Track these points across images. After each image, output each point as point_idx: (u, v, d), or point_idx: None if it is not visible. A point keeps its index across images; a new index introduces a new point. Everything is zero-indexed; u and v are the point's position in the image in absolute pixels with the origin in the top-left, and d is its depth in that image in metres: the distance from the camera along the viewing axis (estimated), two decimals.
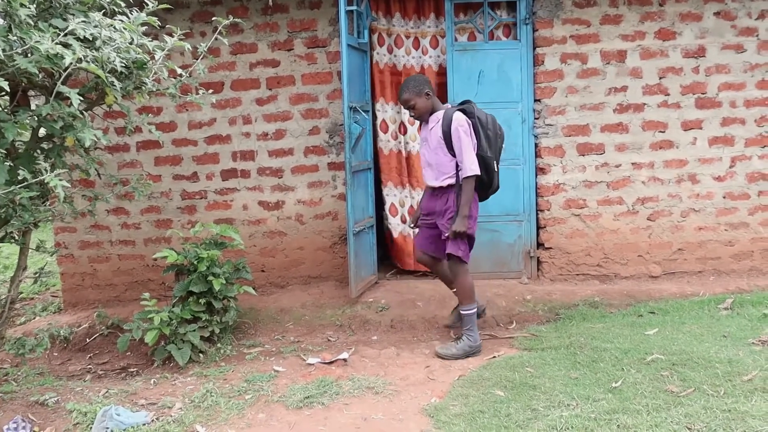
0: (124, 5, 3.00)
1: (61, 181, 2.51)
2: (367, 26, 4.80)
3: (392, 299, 4.65)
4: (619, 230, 4.90)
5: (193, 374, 3.68)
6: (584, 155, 4.86)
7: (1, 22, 2.55)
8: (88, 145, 2.73)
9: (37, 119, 2.72)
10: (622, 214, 4.89)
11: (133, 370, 4.07)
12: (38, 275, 4.10)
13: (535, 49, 4.81)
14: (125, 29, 2.77)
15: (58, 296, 5.47)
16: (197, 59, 3.38)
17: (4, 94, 3.08)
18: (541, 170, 4.90)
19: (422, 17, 5.07)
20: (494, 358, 3.64)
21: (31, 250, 3.41)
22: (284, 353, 3.94)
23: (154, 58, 3.07)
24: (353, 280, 4.55)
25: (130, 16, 2.94)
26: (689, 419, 2.61)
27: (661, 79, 4.78)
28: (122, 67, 2.76)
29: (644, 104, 4.80)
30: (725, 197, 4.86)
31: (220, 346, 4.04)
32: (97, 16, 2.69)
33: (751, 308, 4.09)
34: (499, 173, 3.78)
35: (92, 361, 4.35)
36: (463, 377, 3.38)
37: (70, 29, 2.51)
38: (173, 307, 3.98)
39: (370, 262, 4.95)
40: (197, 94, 3.42)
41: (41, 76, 2.90)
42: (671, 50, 4.75)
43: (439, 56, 5.10)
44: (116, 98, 2.92)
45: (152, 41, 3.01)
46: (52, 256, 4.86)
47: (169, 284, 4.71)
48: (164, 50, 3.08)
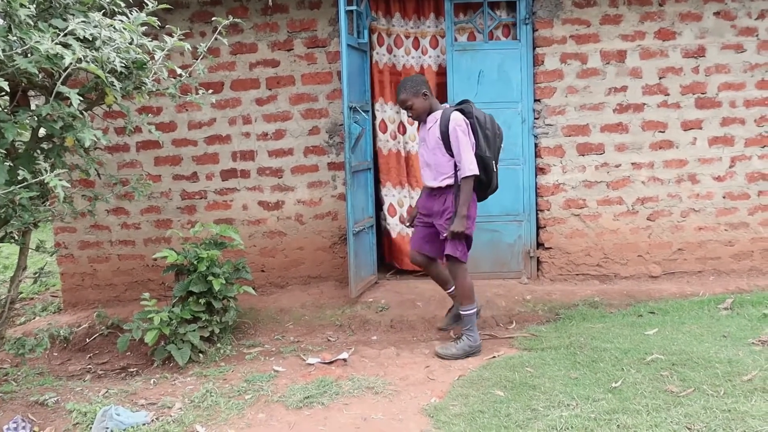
0: (123, 5, 3.00)
1: (60, 181, 2.51)
2: (366, 26, 4.80)
3: (392, 299, 4.65)
4: (618, 230, 4.90)
5: (192, 374, 3.68)
6: (584, 155, 4.86)
7: (1, 22, 2.54)
8: (87, 145, 2.74)
9: (36, 119, 2.72)
10: (621, 214, 4.89)
11: (132, 370, 4.07)
12: (38, 275, 4.10)
13: (534, 49, 4.81)
14: (125, 29, 2.77)
15: (57, 296, 5.48)
16: (197, 59, 3.38)
17: (4, 94, 3.08)
18: (540, 170, 4.90)
19: (422, 17, 5.07)
20: (494, 358, 3.65)
21: (30, 250, 3.41)
22: (284, 353, 3.94)
23: (153, 58, 3.07)
24: (353, 280, 4.55)
25: (129, 16, 2.95)
26: (689, 419, 2.61)
27: (660, 79, 4.78)
28: (122, 67, 2.77)
29: (644, 104, 4.81)
30: (725, 197, 4.86)
31: (219, 346, 4.04)
32: (96, 16, 2.69)
33: (751, 308, 4.09)
34: (498, 173, 3.75)
35: (92, 361, 4.35)
36: (462, 377, 3.38)
37: (69, 29, 2.51)
38: (173, 307, 3.98)
39: (369, 262, 4.95)
40: (197, 94, 3.42)
41: (41, 76, 2.90)
42: (671, 50, 4.75)
43: (438, 56, 5.10)
44: (116, 98, 2.92)
45: (152, 41, 3.01)
46: (51, 256, 4.86)
47: (169, 284, 4.71)
48: (164, 50, 3.08)
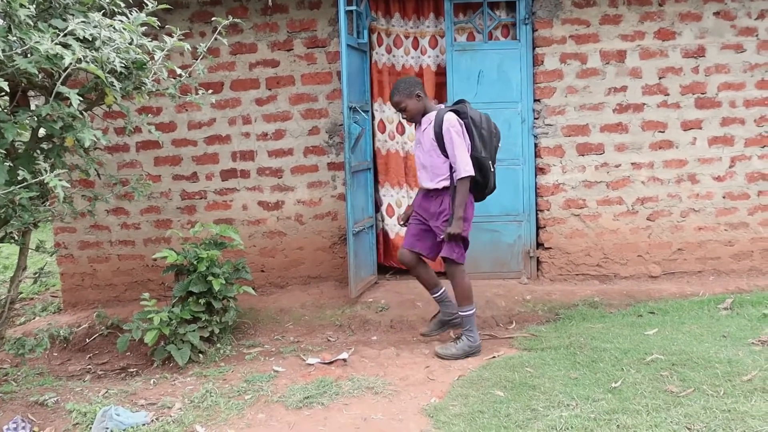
0: (123, 5, 3.00)
1: (60, 181, 2.51)
2: (366, 26, 4.80)
3: (392, 299, 4.65)
4: (618, 230, 4.90)
5: (192, 374, 3.68)
6: (584, 155, 4.86)
7: (0, 22, 2.54)
8: (87, 145, 2.73)
9: (36, 119, 2.72)
10: (621, 214, 4.89)
11: (132, 370, 4.07)
12: (38, 275, 4.10)
13: (534, 49, 4.81)
14: (125, 29, 2.77)
15: (57, 296, 5.48)
16: (197, 59, 3.38)
17: (3, 94, 3.08)
18: (540, 170, 4.90)
19: (421, 17, 5.06)
20: (494, 358, 3.65)
21: (30, 250, 3.41)
22: (284, 353, 3.94)
23: (153, 58, 3.07)
24: (353, 280, 4.55)
25: (129, 16, 2.95)
26: (689, 419, 2.61)
27: (660, 79, 4.78)
28: (122, 67, 2.77)
29: (644, 104, 4.81)
30: (725, 197, 4.86)
31: (219, 346, 4.04)
32: (96, 16, 2.69)
33: (750, 308, 4.09)
34: (495, 173, 3.72)
35: (92, 361, 4.35)
36: (462, 377, 3.38)
37: (69, 29, 2.51)
38: (173, 307, 3.98)
39: (369, 262, 4.95)
40: (197, 94, 3.42)
41: (41, 76, 2.90)
42: (671, 50, 4.75)
43: (438, 56, 5.10)
44: (116, 98, 2.92)
45: (152, 41, 3.01)
46: (51, 256, 4.86)
47: (168, 284, 4.71)
48: (164, 50, 3.08)
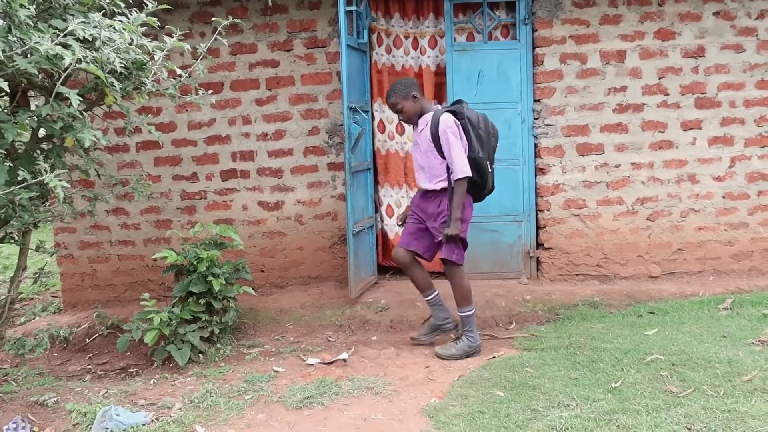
0: (123, 6, 3.00)
1: (60, 181, 2.51)
2: (366, 26, 4.80)
3: (392, 299, 4.65)
4: (618, 230, 4.90)
5: (192, 374, 3.68)
6: (584, 155, 4.86)
7: (0, 22, 2.55)
8: (87, 145, 2.73)
9: (36, 120, 2.72)
10: (621, 214, 4.89)
11: (132, 370, 4.07)
12: (38, 276, 4.11)
13: (534, 49, 4.82)
14: (125, 30, 2.77)
15: (57, 296, 5.48)
16: (197, 60, 3.38)
17: (3, 94, 3.08)
18: (540, 170, 4.90)
19: (421, 17, 5.06)
20: (494, 358, 3.65)
21: (30, 250, 3.41)
22: (284, 353, 3.94)
23: (153, 58, 3.07)
24: (353, 280, 4.55)
25: (129, 16, 2.95)
26: (689, 419, 2.61)
27: (660, 79, 4.78)
28: (122, 67, 2.77)
29: (644, 104, 4.81)
30: (725, 197, 4.86)
31: (219, 346, 4.04)
32: (96, 16, 2.69)
33: (750, 308, 4.09)
34: (494, 173, 3.71)
35: (92, 361, 4.35)
36: (462, 377, 3.38)
37: (69, 30, 2.51)
38: (173, 307, 3.98)
39: (369, 262, 4.95)
40: (197, 94, 3.42)
41: (41, 76, 2.90)
42: (671, 50, 4.75)
43: (437, 56, 5.10)
44: (116, 99, 2.92)
45: (152, 42, 3.01)
46: (51, 256, 4.87)
47: (168, 284, 4.71)
48: (164, 51, 3.08)
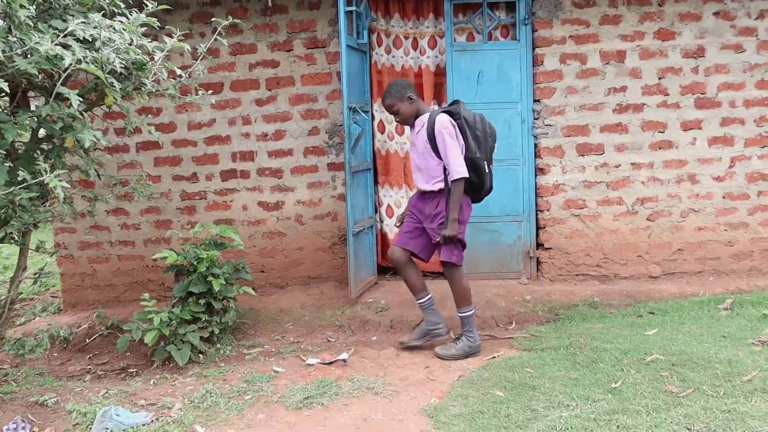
0: (123, 6, 3.00)
1: (60, 181, 2.51)
2: (366, 27, 4.80)
3: (392, 300, 4.65)
4: (618, 230, 4.90)
5: (192, 375, 3.68)
6: (584, 155, 4.86)
7: (0, 23, 2.55)
8: (87, 145, 2.74)
9: (36, 120, 2.72)
10: (621, 214, 4.89)
11: (132, 370, 4.07)
12: (38, 276, 4.11)
13: (534, 49, 4.82)
14: (125, 30, 2.77)
15: (57, 297, 5.48)
16: (197, 60, 3.38)
17: (3, 95, 3.08)
18: (540, 170, 4.90)
19: (421, 17, 5.06)
20: (494, 358, 3.65)
21: (30, 250, 3.41)
22: (284, 354, 3.94)
23: (153, 59, 3.07)
24: (353, 280, 4.55)
25: (129, 17, 2.95)
26: (689, 420, 2.61)
27: (660, 79, 4.78)
28: (122, 68, 2.77)
29: (644, 104, 4.81)
30: (725, 197, 4.86)
31: (219, 346, 4.04)
32: (96, 17, 2.69)
33: (750, 308, 4.09)
34: (492, 174, 3.69)
35: (92, 361, 4.35)
36: (462, 378, 3.38)
37: (69, 30, 2.51)
38: (173, 307, 3.98)
39: (369, 262, 4.95)
40: (197, 94, 3.42)
41: (41, 77, 2.90)
42: (670, 50, 4.75)
43: (437, 57, 5.09)
44: (116, 99, 2.92)
45: (152, 42, 3.01)
46: (51, 256, 4.87)
47: (168, 285, 4.72)
48: (164, 51, 3.08)
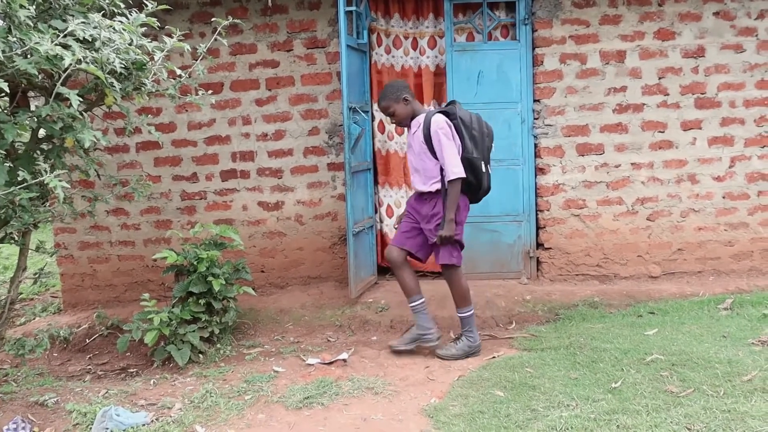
0: (123, 6, 3.00)
1: (60, 182, 2.51)
2: (366, 27, 4.80)
3: (392, 299, 4.65)
4: (618, 230, 4.90)
5: (192, 375, 3.68)
6: (584, 155, 4.86)
7: (0, 23, 2.55)
8: (87, 146, 2.74)
9: (36, 120, 2.73)
10: (621, 214, 4.89)
11: (132, 370, 4.07)
12: (38, 276, 4.11)
13: (534, 49, 4.81)
14: (124, 30, 2.77)
15: (57, 297, 5.48)
16: (197, 60, 3.38)
17: (3, 95, 3.08)
18: (540, 170, 4.90)
19: (421, 17, 5.06)
20: (494, 358, 3.65)
21: (30, 250, 3.41)
22: (284, 354, 3.94)
23: (153, 59, 3.07)
24: (353, 280, 4.55)
25: (129, 17, 2.95)
26: (689, 420, 2.61)
27: (660, 79, 4.78)
28: (122, 68, 2.77)
29: (643, 104, 4.80)
30: (725, 197, 4.86)
31: (219, 346, 4.04)
32: (96, 17, 2.69)
33: (750, 308, 4.09)
34: (490, 174, 3.68)
35: (92, 361, 4.35)
36: (462, 377, 3.38)
37: (69, 30, 2.51)
38: (173, 307, 3.98)
39: (369, 262, 4.95)
40: (197, 94, 3.42)
41: (41, 77, 2.90)
42: (670, 50, 4.75)
43: (437, 57, 5.09)
44: (116, 99, 2.92)
45: (151, 42, 3.01)
46: (51, 256, 4.87)
47: (168, 285, 4.72)
48: (163, 51, 3.08)
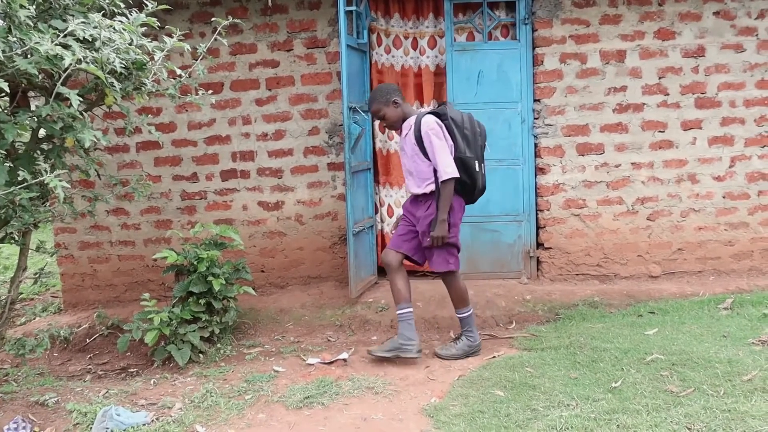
0: (123, 6, 3.00)
1: (60, 181, 2.51)
2: (366, 26, 4.80)
3: (392, 299, 4.62)
4: (618, 230, 4.90)
5: (193, 374, 3.68)
6: (584, 155, 4.86)
7: (0, 23, 2.55)
8: (87, 145, 2.74)
9: (36, 120, 2.73)
10: (621, 214, 4.89)
11: (133, 370, 4.07)
12: (38, 276, 4.11)
13: (534, 49, 4.81)
14: (125, 30, 2.77)
15: (58, 297, 5.48)
16: (197, 60, 3.38)
17: (4, 95, 3.09)
18: (540, 170, 4.90)
19: (421, 17, 5.06)
20: (494, 358, 3.65)
21: (31, 250, 3.41)
22: (284, 353, 3.94)
23: (153, 58, 3.08)
24: (353, 280, 4.55)
25: (129, 17, 2.95)
26: (689, 419, 2.61)
27: (660, 78, 4.78)
28: (122, 67, 2.77)
29: (644, 104, 4.80)
30: (725, 197, 4.86)
31: (219, 346, 4.04)
32: (96, 17, 2.69)
33: (751, 308, 4.09)
34: (484, 173, 3.65)
35: (92, 361, 4.35)
36: (462, 377, 3.38)
37: (69, 30, 2.51)
38: (173, 307, 3.98)
39: (369, 262, 4.95)
40: (197, 94, 3.42)
41: (41, 77, 2.90)
42: (671, 50, 4.75)
43: (437, 56, 5.09)
44: (116, 99, 2.92)
45: (152, 42, 3.01)
46: (52, 256, 4.87)
47: (169, 285, 4.72)
48: (164, 51, 3.08)
